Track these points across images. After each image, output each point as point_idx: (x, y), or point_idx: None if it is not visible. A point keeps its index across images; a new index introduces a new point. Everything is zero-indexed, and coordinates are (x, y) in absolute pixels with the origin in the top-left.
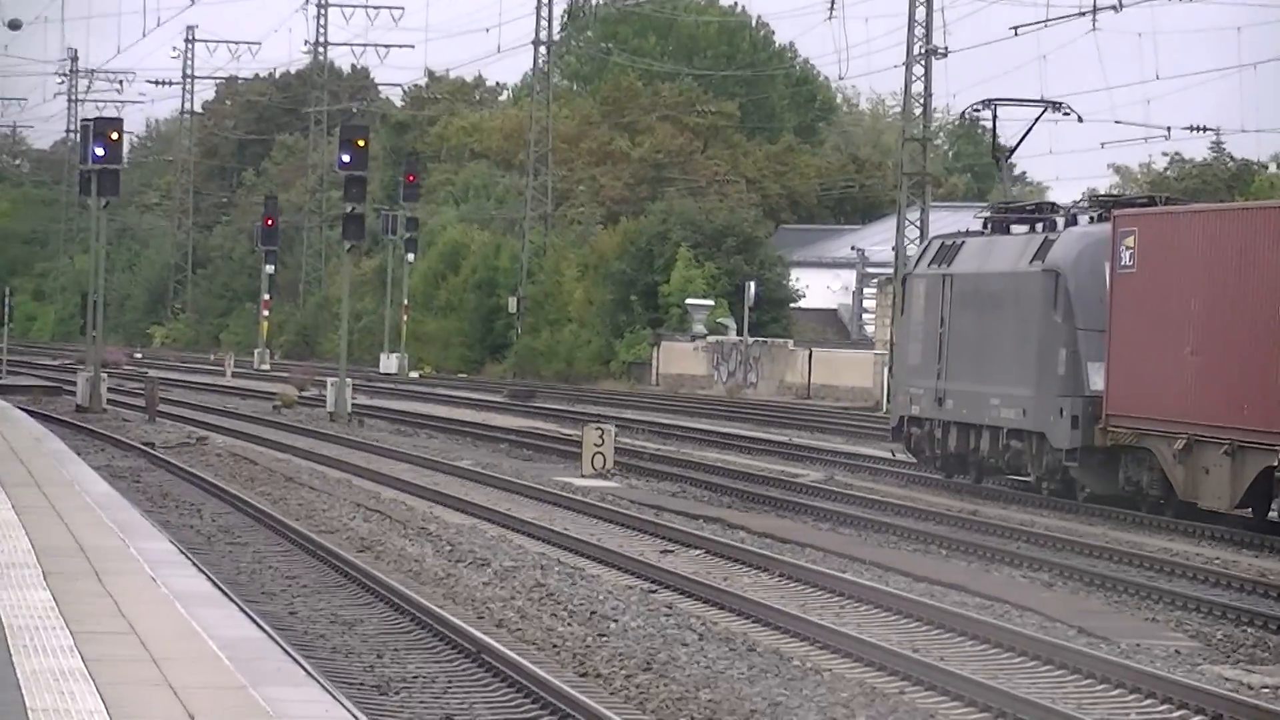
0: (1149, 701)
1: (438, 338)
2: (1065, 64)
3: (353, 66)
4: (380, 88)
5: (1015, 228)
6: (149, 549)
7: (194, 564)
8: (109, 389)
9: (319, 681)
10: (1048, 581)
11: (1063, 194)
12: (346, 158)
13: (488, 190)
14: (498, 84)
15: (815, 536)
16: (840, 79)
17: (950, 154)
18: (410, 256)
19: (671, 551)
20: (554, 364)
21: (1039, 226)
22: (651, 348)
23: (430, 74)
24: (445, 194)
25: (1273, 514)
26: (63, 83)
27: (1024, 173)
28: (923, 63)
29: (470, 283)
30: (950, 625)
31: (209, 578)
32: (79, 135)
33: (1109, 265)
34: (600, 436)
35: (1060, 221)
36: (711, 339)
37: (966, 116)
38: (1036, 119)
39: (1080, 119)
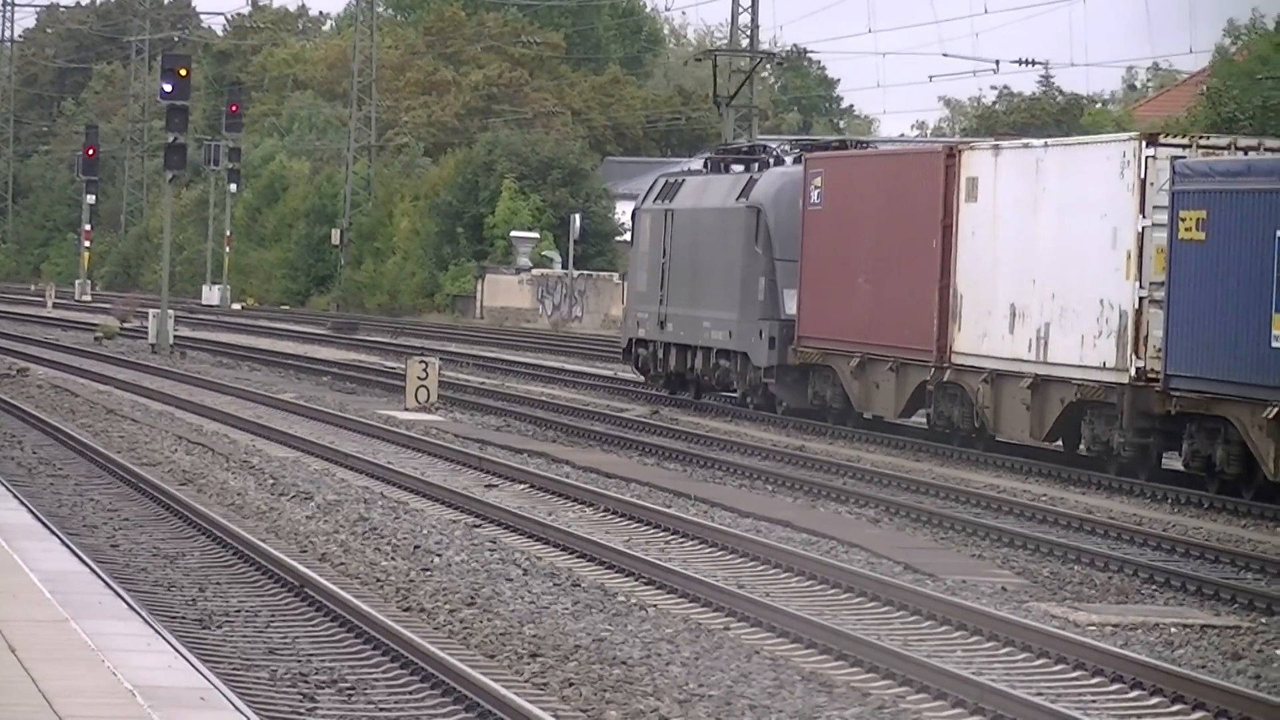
0: (975, 639)
1: (260, 269)
2: None
3: None
4: (202, 16)
5: (735, 168)
6: None
7: (15, 496)
8: None
9: (141, 615)
10: (874, 518)
11: (891, 127)
12: (168, 87)
13: (311, 121)
14: (321, 13)
15: (641, 472)
16: (667, 10)
17: (777, 87)
18: (233, 188)
19: (496, 486)
20: (378, 297)
21: (755, 167)
22: (476, 280)
23: (253, 2)
24: (269, 125)
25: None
26: None
27: (851, 105)
28: None
29: (299, 213)
30: (776, 561)
31: (30, 510)
32: None
33: (801, 203)
34: (424, 370)
35: (772, 163)
36: (537, 272)
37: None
38: (754, 68)
39: (783, 64)
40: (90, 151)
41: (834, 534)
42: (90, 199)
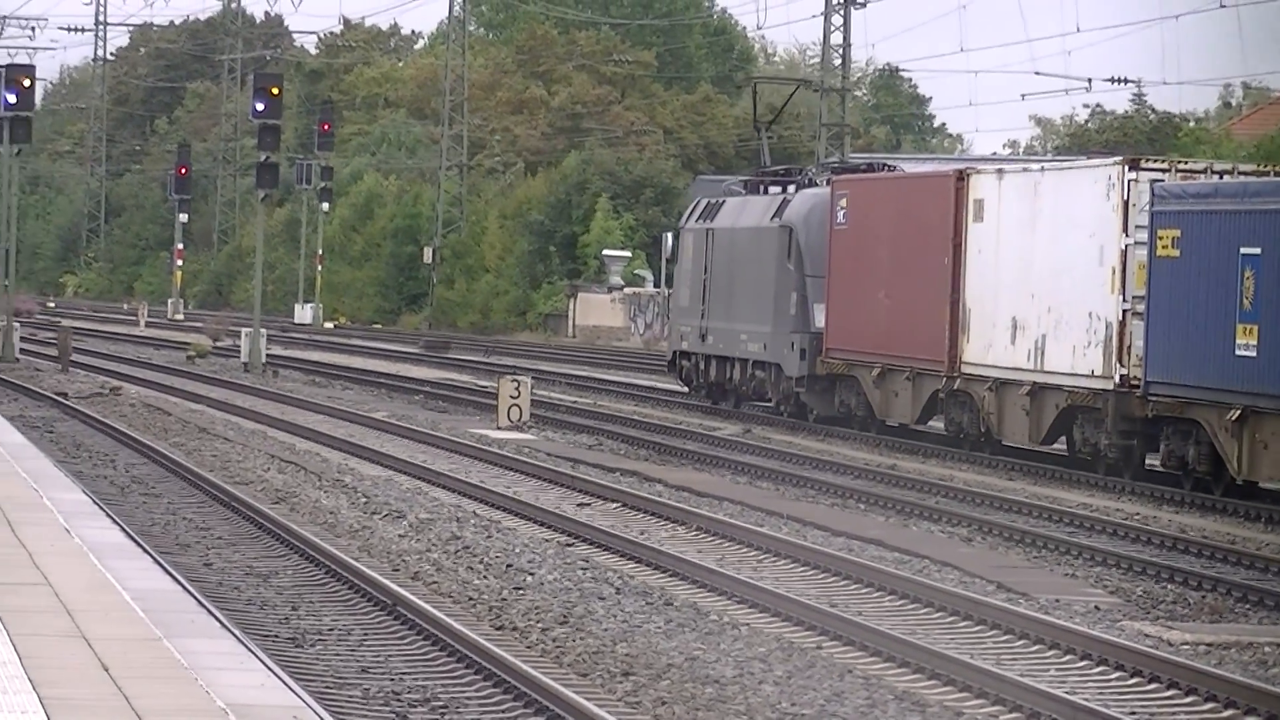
0: (1068, 658)
1: (352, 288)
2: (985, 14)
3: (266, 14)
4: (294, 35)
5: (773, 189)
6: (62, 500)
7: (108, 515)
8: (21, 339)
9: (234, 634)
10: (966, 537)
11: (984, 146)
12: (260, 106)
13: (400, 140)
14: (413, 32)
15: (733, 490)
16: (758, 29)
17: (870, 105)
18: (324, 206)
19: (588, 504)
20: (470, 315)
21: (789, 189)
22: (568, 299)
23: (345, 21)
24: (359, 144)
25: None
26: None
27: (943, 124)
28: (841, 13)
29: (386, 232)
30: (868, 580)
31: (123, 529)
32: None
33: (829, 222)
34: (516, 388)
35: (805, 185)
36: (629, 291)
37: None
38: (791, 94)
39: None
40: (183, 170)
41: (926, 553)
42: (183, 218)
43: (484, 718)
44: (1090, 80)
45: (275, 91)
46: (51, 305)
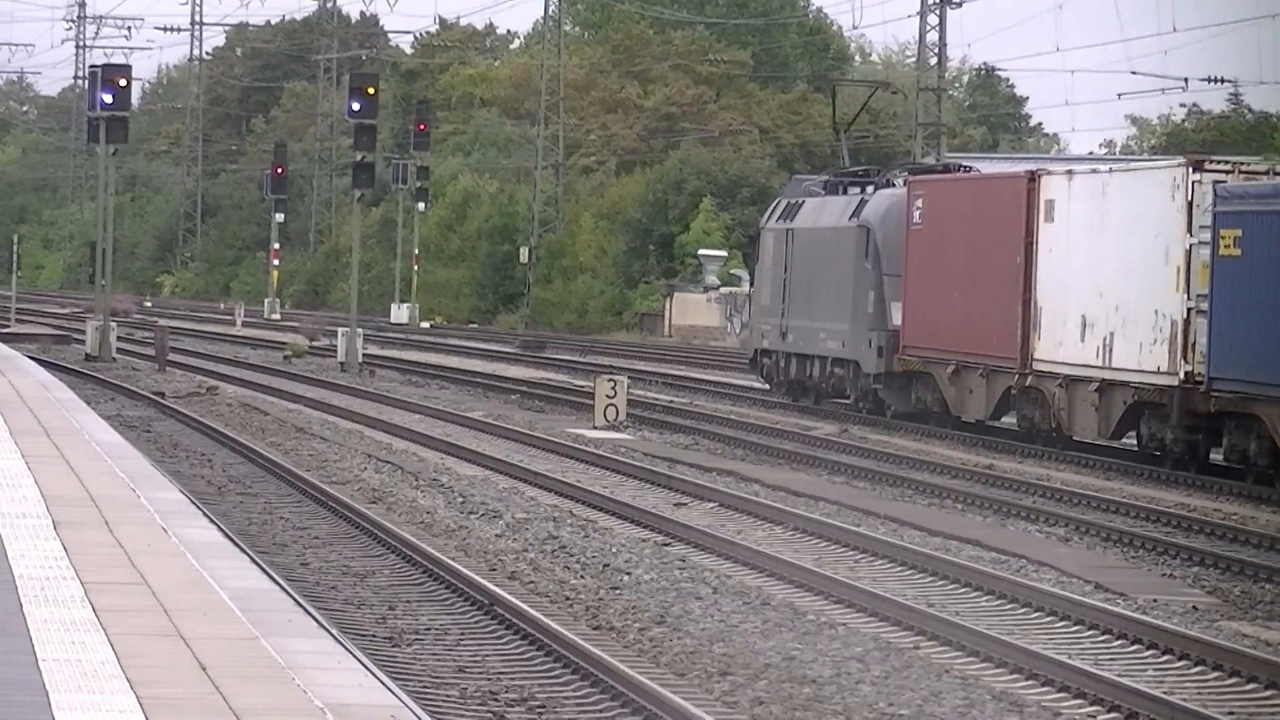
0: (1166, 657)
1: (448, 287)
2: (1081, 13)
3: (362, 13)
4: (390, 35)
5: (851, 189)
6: (159, 499)
7: (205, 514)
8: (118, 338)
9: (331, 633)
10: (1064, 537)
11: (1080, 145)
12: (356, 106)
13: (494, 140)
14: (508, 31)
15: (829, 490)
16: (854, 28)
17: (966, 105)
18: (420, 206)
19: (685, 504)
20: (566, 315)
21: (867, 189)
22: (664, 299)
23: (441, 21)
24: (454, 143)
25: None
26: (70, 29)
27: (1040, 123)
28: (937, 12)
29: (482, 232)
30: (966, 580)
31: (220, 528)
32: (87, 82)
33: (905, 222)
34: (613, 388)
35: (882, 185)
36: (725, 290)
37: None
38: (869, 97)
39: (905, 97)
40: (279, 170)
41: (1024, 553)
42: (279, 218)
43: (581, 717)
44: (1186, 80)
45: (371, 91)
46: (148, 305)
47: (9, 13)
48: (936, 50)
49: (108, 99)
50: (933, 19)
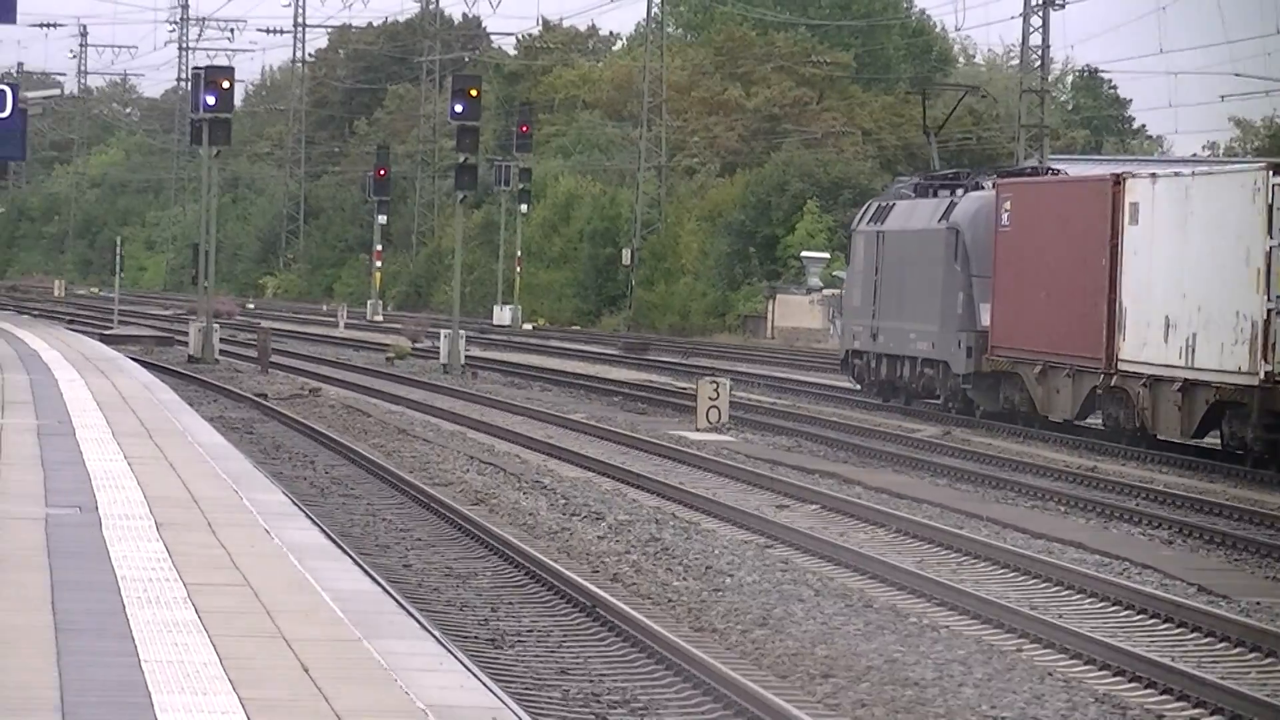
0: (1269, 660)
1: (551, 289)
2: (1185, 15)
3: (464, 15)
4: (492, 37)
5: (940, 192)
6: (262, 500)
7: (307, 516)
8: (221, 340)
9: (433, 635)
10: (1166, 539)
11: (1183, 148)
12: (459, 108)
13: (596, 142)
14: (611, 33)
15: (932, 492)
16: (957, 29)
17: (1069, 107)
18: (523, 208)
19: (787, 506)
20: (669, 317)
21: (956, 192)
22: (767, 301)
23: (544, 23)
24: (556, 145)
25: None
26: (173, 31)
27: (1143, 125)
28: (1040, 14)
29: (584, 234)
30: (1068, 582)
31: (322, 530)
32: (190, 84)
33: (994, 224)
34: (715, 390)
35: (971, 188)
36: (828, 292)
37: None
38: (959, 100)
39: (995, 99)
40: (382, 172)
41: (1127, 555)
42: (382, 219)
43: (684, 719)
44: None
45: (474, 93)
46: (251, 306)
47: (113, 15)
48: (1039, 52)
49: (211, 101)
50: (1036, 20)
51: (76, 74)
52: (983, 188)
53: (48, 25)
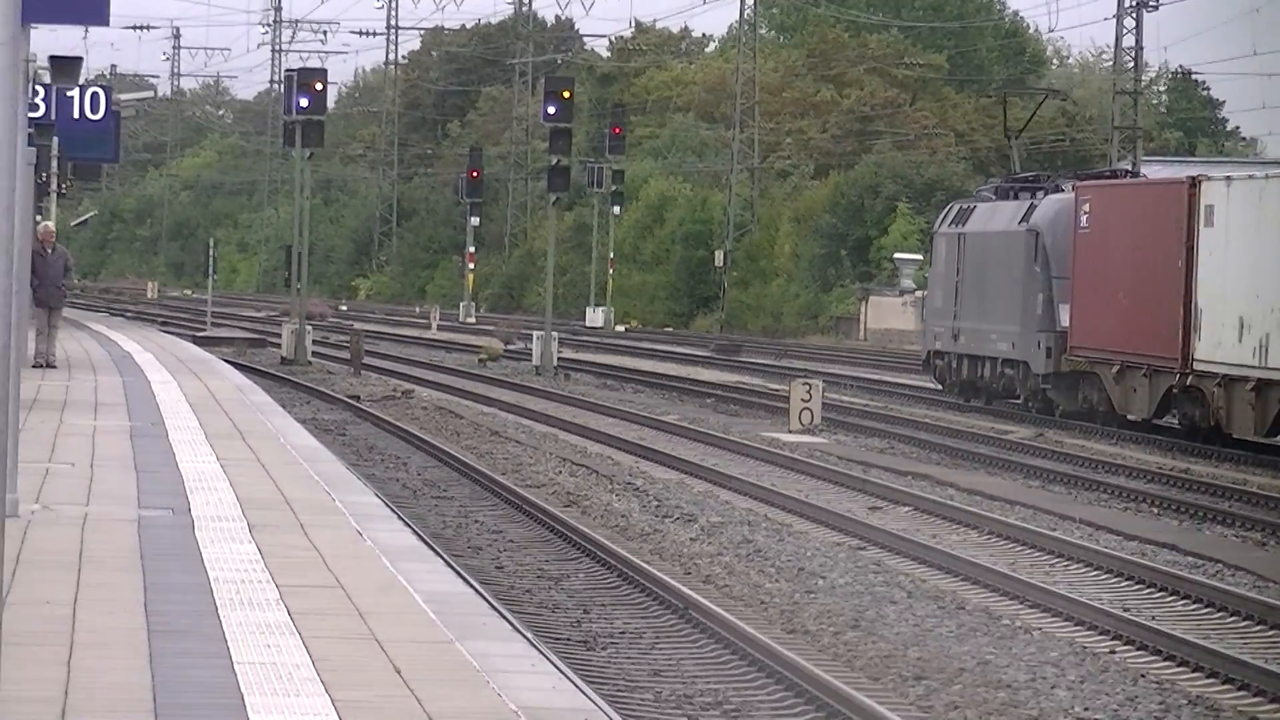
0: None
1: (643, 291)
2: (1278, 16)
3: (557, 17)
4: (585, 39)
5: (1021, 194)
6: (354, 502)
7: (400, 518)
8: (313, 341)
9: (525, 636)
10: (1260, 541)
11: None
12: (551, 109)
13: (689, 143)
14: (704, 35)
15: (1024, 494)
16: (1050, 31)
17: (1163, 108)
18: (615, 209)
19: (879, 508)
20: (761, 318)
21: (1036, 194)
22: (859, 302)
23: (636, 24)
24: (649, 147)
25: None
26: (266, 33)
27: (1236, 127)
28: (1134, 15)
29: (676, 235)
30: (1162, 584)
31: (415, 532)
32: (283, 86)
33: (1073, 226)
34: (808, 392)
35: (1051, 191)
36: (920, 294)
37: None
38: (1039, 105)
39: (1075, 103)
40: (474, 174)
41: (1220, 557)
42: (474, 221)
43: None
44: None
45: (566, 95)
46: (343, 308)
47: (206, 17)
48: (1133, 54)
49: (303, 103)
50: (1129, 22)
51: (170, 76)
52: (1062, 190)
53: (141, 28)
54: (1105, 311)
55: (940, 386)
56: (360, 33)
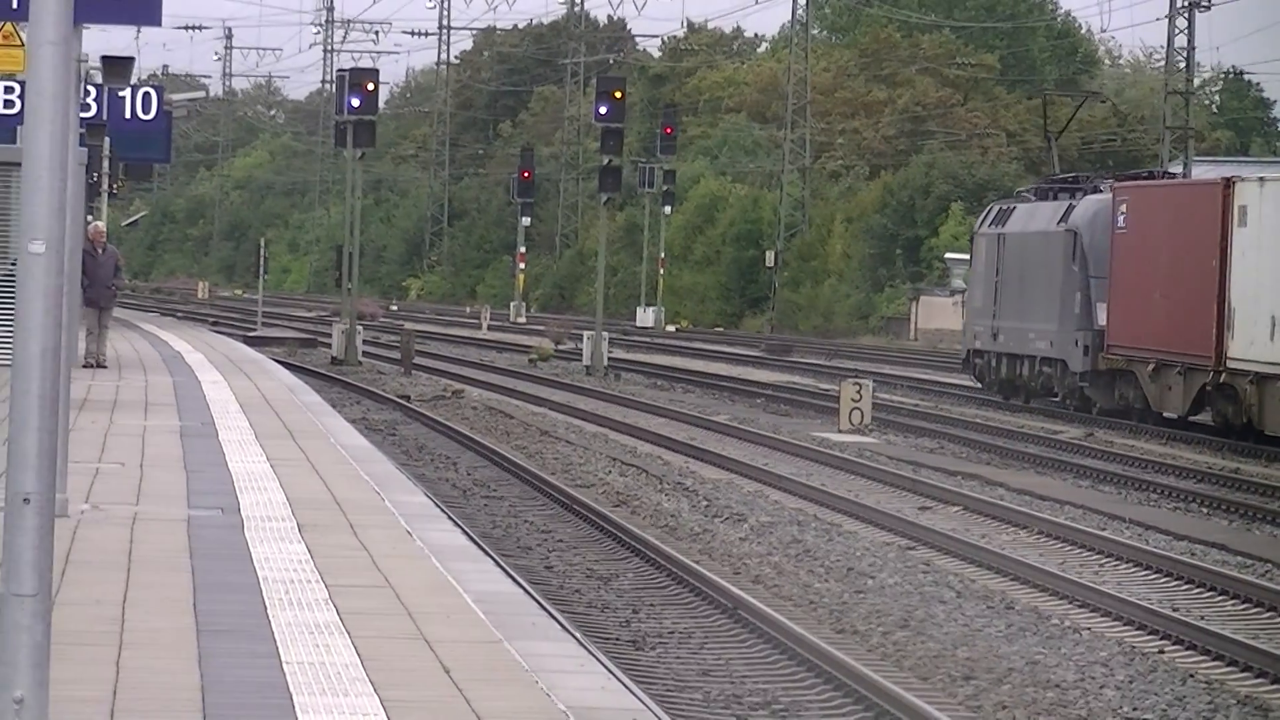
0: None
1: (694, 291)
2: None
3: (609, 17)
4: (637, 39)
5: (1061, 195)
6: (404, 502)
7: (449, 518)
8: (364, 341)
9: (575, 636)
10: None
11: None
12: (603, 109)
13: (741, 143)
14: (756, 35)
15: (1074, 494)
16: (1102, 31)
17: (1214, 108)
18: (667, 210)
19: (929, 508)
20: (812, 319)
21: (1075, 195)
22: (910, 302)
23: (689, 25)
24: (700, 147)
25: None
26: (318, 33)
27: None
28: (1185, 15)
29: (728, 236)
30: (1211, 584)
31: (464, 532)
32: (334, 86)
33: (1111, 226)
34: (858, 392)
35: (1089, 192)
36: None
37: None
38: (1078, 106)
39: (1120, 104)
40: (526, 174)
41: (1270, 557)
42: (525, 221)
43: None
44: None
45: (618, 95)
46: (394, 308)
47: (258, 17)
48: (1185, 53)
49: (355, 103)
50: (1181, 22)
51: (221, 76)
52: (1100, 191)
53: (193, 28)
54: (1141, 310)
55: (980, 385)
56: (412, 33)
